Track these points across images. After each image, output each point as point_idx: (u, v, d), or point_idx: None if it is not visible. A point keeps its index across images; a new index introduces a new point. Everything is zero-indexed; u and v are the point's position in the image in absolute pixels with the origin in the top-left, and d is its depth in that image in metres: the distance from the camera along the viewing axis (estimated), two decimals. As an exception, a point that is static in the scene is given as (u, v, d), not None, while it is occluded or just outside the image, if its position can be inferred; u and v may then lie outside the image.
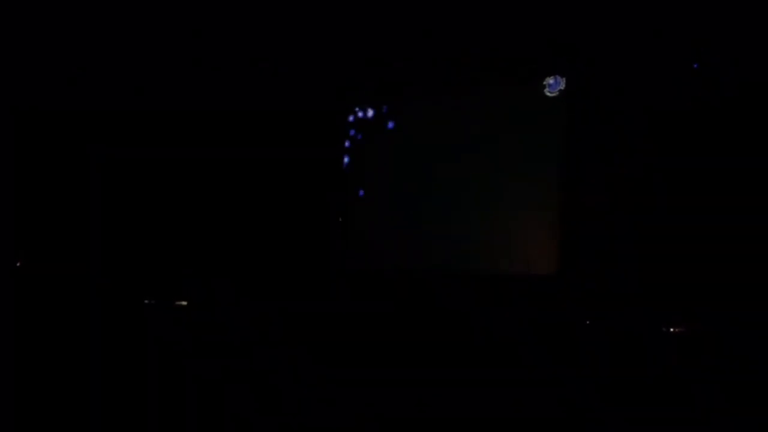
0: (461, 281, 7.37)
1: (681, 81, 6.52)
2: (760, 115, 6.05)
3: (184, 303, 7.52)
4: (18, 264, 7.33)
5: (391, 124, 8.49)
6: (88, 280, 7.01)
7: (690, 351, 4.69)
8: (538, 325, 5.59)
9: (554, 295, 6.55)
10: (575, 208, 6.89)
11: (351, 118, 8.78)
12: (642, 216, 6.39)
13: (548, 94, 7.52)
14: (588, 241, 6.68)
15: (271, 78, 8.41)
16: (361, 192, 8.44)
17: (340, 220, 8.35)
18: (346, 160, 8.64)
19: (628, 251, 6.34)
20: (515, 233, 7.31)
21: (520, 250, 7.19)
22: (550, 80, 7.55)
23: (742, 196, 5.89)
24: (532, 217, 7.27)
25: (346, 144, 8.63)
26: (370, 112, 8.65)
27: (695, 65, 6.58)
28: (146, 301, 7.28)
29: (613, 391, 4.14)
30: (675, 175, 6.34)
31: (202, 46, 8.23)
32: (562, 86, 7.42)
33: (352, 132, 8.64)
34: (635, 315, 5.59)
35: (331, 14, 7.85)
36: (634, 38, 6.85)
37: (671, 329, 5.20)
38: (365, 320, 6.04)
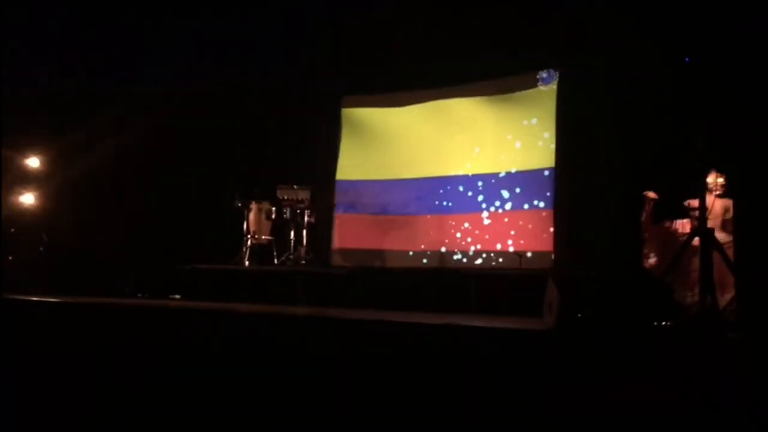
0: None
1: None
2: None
3: (178, 296, 7.52)
4: None
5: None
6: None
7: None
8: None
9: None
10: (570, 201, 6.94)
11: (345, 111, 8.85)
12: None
13: (542, 87, 7.53)
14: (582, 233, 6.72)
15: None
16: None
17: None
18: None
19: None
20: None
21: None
22: (543, 74, 7.56)
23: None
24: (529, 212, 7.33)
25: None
26: None
27: (687, 59, 6.60)
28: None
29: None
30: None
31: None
32: (556, 80, 7.44)
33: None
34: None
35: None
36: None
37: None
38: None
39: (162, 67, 8.23)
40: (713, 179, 5.09)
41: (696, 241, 4.21)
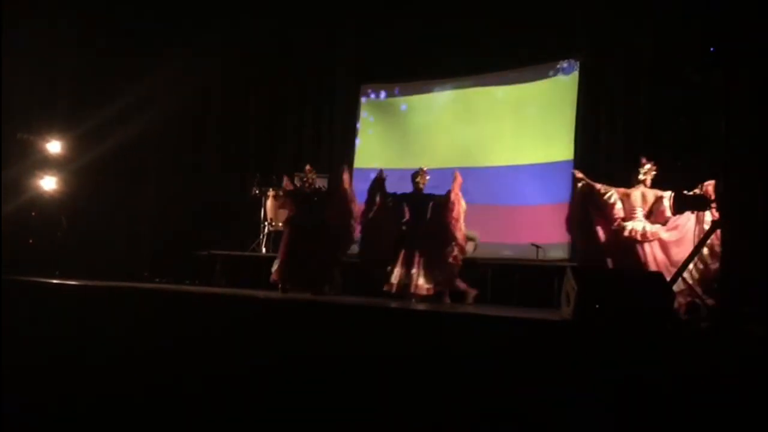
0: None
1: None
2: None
3: (195, 282, 7.57)
4: None
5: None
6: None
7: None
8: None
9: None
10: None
11: (363, 99, 8.83)
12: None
13: (562, 78, 7.44)
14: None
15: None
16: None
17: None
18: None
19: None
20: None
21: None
22: (564, 64, 7.47)
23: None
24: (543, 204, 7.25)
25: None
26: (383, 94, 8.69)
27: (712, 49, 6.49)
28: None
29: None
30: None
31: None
32: (576, 70, 7.34)
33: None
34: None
35: None
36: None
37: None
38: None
39: (181, 54, 8.24)
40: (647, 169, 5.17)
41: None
